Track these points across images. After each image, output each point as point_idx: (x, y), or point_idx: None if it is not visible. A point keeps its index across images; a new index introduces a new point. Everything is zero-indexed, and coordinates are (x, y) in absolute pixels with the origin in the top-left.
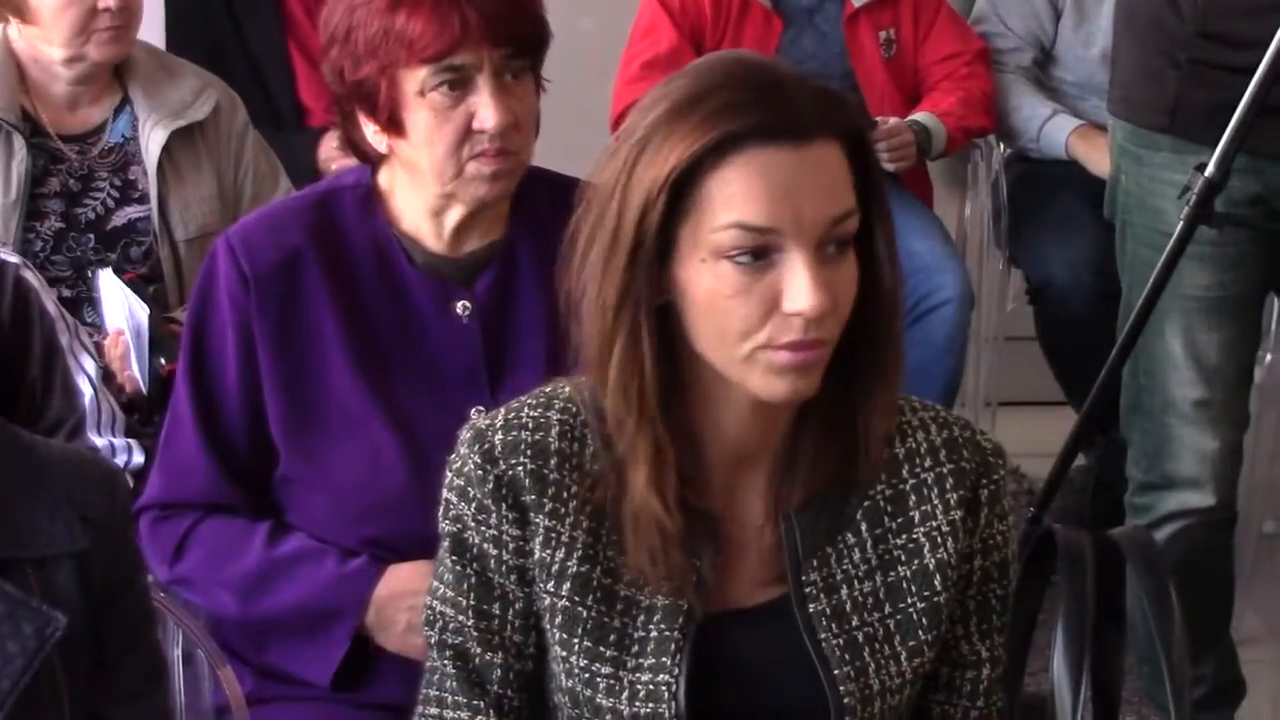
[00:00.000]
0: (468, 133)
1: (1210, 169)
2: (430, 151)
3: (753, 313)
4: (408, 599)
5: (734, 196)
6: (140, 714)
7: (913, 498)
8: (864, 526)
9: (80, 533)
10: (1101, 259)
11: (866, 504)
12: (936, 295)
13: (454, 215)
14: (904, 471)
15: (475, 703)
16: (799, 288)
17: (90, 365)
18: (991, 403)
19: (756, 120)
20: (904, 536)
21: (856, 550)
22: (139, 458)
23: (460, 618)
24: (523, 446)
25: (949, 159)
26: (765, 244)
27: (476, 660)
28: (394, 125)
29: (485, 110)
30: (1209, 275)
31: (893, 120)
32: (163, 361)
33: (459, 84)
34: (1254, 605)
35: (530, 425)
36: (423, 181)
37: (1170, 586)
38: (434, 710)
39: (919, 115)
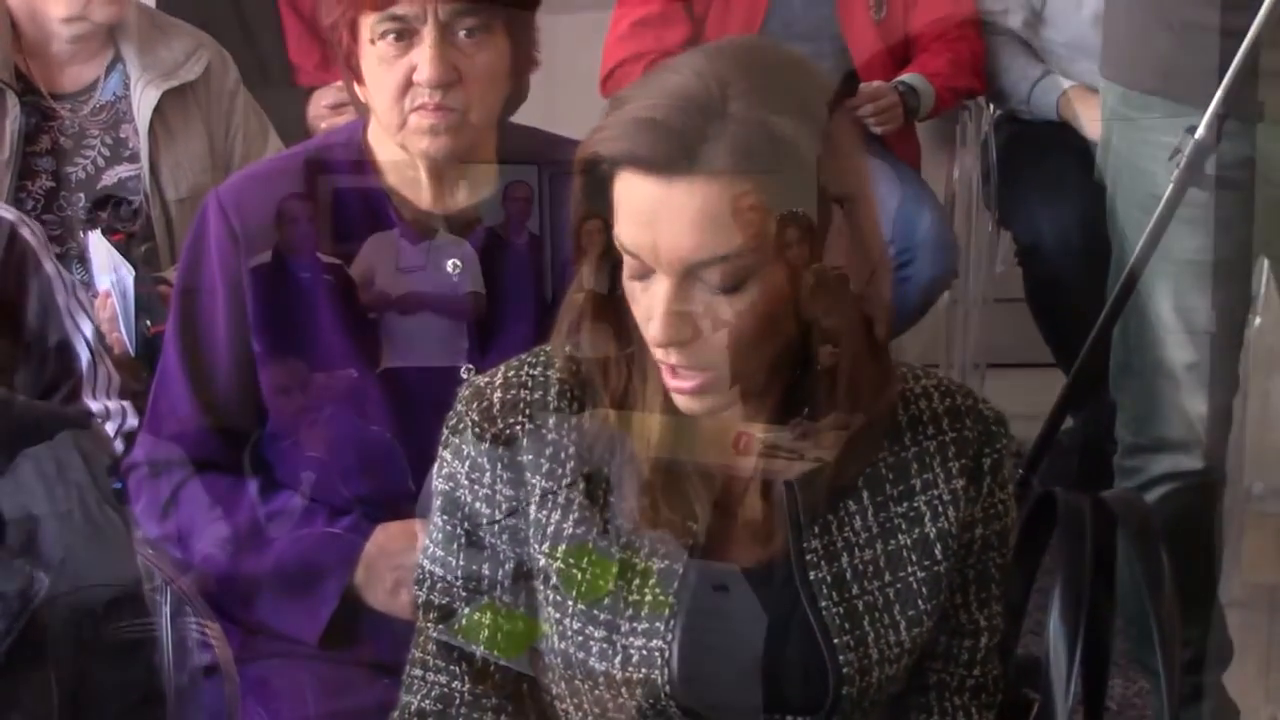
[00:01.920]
0: (409, 84)
1: (1201, 131)
2: (378, 100)
3: (642, 316)
4: (396, 558)
5: (617, 207)
6: (127, 674)
7: (914, 465)
8: (865, 494)
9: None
10: (1091, 221)
11: (868, 471)
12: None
13: (422, 169)
14: (906, 439)
15: (453, 668)
16: (654, 316)
17: (88, 327)
18: (980, 364)
19: (631, 147)
20: (905, 504)
21: (858, 518)
22: (134, 420)
23: (449, 577)
24: (521, 405)
25: (937, 120)
26: (639, 265)
27: (463, 621)
28: (356, 72)
29: (422, 63)
30: (1199, 238)
31: (876, 83)
32: (149, 323)
33: (404, 34)
34: (1242, 568)
35: (529, 384)
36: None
37: (1162, 550)
38: (418, 671)
39: (907, 76)
